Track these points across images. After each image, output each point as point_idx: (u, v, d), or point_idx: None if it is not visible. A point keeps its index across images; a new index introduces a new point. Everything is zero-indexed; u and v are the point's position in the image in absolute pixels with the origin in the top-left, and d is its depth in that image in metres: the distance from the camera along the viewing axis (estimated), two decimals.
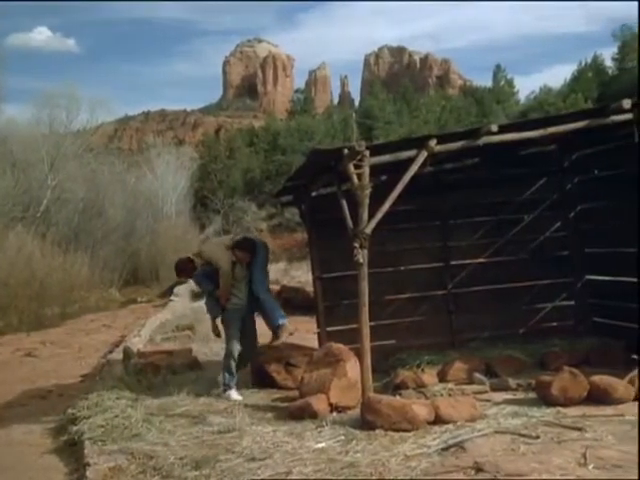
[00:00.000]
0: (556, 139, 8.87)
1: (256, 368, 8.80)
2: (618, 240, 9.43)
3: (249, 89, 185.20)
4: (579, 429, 5.84)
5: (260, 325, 8.88)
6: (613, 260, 9.60)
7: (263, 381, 8.65)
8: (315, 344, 9.44)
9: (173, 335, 14.78)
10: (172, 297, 23.40)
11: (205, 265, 8.56)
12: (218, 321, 8.68)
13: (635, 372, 7.08)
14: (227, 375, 8.28)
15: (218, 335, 8.72)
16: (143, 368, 9.79)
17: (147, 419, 7.09)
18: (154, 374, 9.46)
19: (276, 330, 8.58)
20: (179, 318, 17.27)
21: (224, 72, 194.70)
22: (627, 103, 7.08)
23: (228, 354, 8.35)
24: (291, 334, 8.51)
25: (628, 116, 7.18)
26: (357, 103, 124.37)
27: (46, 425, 8.05)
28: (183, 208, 41.67)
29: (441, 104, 55.01)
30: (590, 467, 4.94)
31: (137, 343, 13.35)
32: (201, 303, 20.41)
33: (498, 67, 61.78)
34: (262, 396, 8.21)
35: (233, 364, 8.30)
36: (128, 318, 20.92)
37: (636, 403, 6.63)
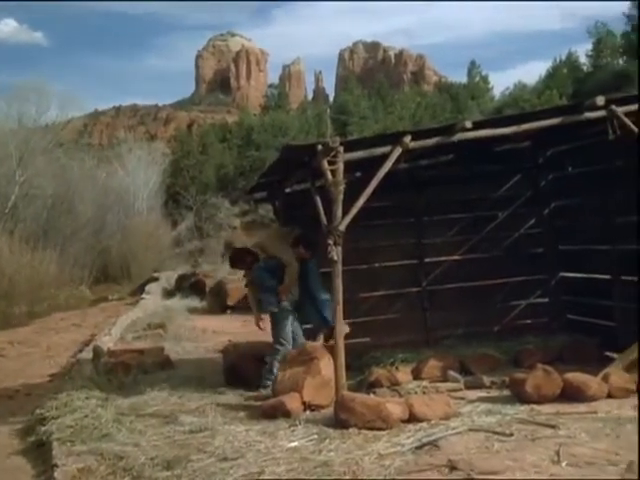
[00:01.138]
0: (530, 136, 8.94)
1: (228, 366, 8.77)
2: (592, 237, 9.53)
3: (222, 84, 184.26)
4: (553, 426, 5.89)
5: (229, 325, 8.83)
6: (587, 257, 9.70)
7: (236, 380, 8.61)
8: None
9: (144, 334, 14.68)
10: (143, 295, 23.25)
11: (267, 259, 8.39)
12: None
13: (608, 369, 7.17)
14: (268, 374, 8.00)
15: (262, 328, 8.55)
16: (113, 367, 9.71)
17: (117, 419, 7.03)
18: (125, 373, 9.39)
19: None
20: (151, 316, 17.16)
21: (196, 66, 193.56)
22: (601, 100, 7.17)
23: (276, 354, 8.03)
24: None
25: (602, 113, 7.26)
26: (331, 99, 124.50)
27: (13, 426, 7.95)
28: (155, 204, 41.37)
29: (416, 100, 55.22)
30: (563, 464, 4.99)
31: (107, 342, 13.24)
32: (173, 301, 20.47)
33: (473, 63, 62.16)
34: (235, 395, 8.16)
35: (277, 365, 7.93)
36: (98, 316, 20.73)
37: (609, 400, 6.72)
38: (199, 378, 9.14)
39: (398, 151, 7.03)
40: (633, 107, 7.43)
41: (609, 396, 6.80)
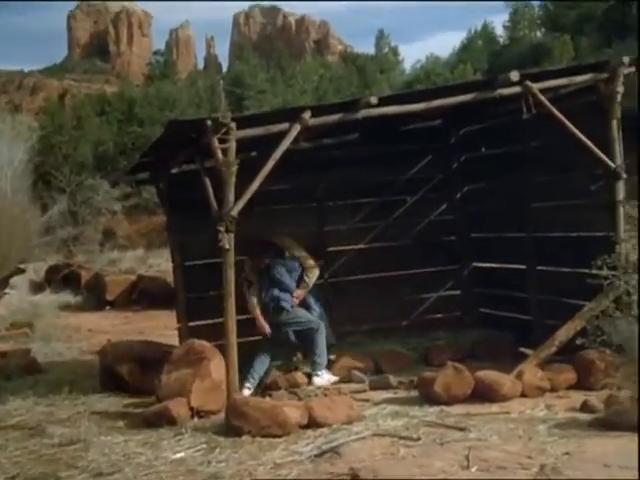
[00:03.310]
0: (442, 113, 9.12)
1: (106, 369, 8.63)
2: (506, 224, 9.80)
3: (99, 49, 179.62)
4: (462, 429, 6.07)
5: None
6: (501, 246, 9.98)
7: (114, 384, 8.51)
8: (175, 341, 9.34)
9: (7, 334, 14.29)
10: (7, 290, 22.52)
11: (289, 258, 8.51)
12: None
13: (522, 366, 7.43)
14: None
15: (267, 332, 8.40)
16: None
17: None
18: None
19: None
20: (15, 314, 16.66)
21: (69, 28, 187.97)
22: (515, 75, 7.38)
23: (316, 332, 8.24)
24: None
25: (516, 89, 7.47)
26: (225, 68, 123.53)
27: None
28: (21, 186, 39.86)
29: (319, 72, 55.40)
30: (473, 469, 5.14)
31: None
32: (42, 296, 19.92)
33: (381, 32, 63.02)
34: (112, 401, 8.10)
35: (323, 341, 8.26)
36: None
37: (522, 399, 6.99)
38: (71, 383, 8.94)
39: (297, 128, 7.05)
40: (549, 83, 7.70)
41: (522, 395, 7.07)
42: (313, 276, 8.51)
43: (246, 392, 7.70)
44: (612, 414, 5.97)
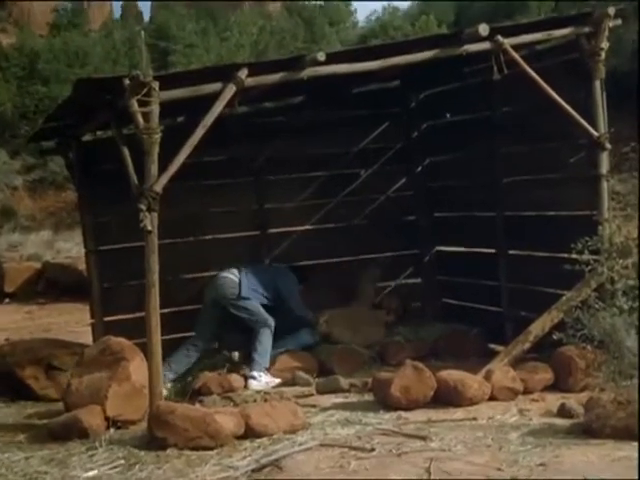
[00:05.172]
0: (400, 73, 9.15)
1: (3, 373, 8.55)
2: (474, 202, 9.88)
3: None
4: (423, 438, 6.12)
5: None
6: (468, 227, 10.06)
7: (13, 391, 8.45)
8: (88, 339, 9.28)
9: None
10: None
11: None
12: None
13: (491, 365, 7.53)
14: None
15: None
16: None
17: None
18: None
19: None
20: None
21: None
22: (484, 29, 7.39)
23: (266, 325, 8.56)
24: None
25: (486, 45, 7.51)
26: (147, 18, 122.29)
27: None
28: None
29: (259, 24, 55.15)
30: None
31: None
32: None
33: None
34: (11, 411, 8.04)
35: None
36: None
37: (492, 403, 7.08)
38: None
39: (231, 89, 7.01)
40: (524, 38, 7.75)
41: (492, 398, 7.14)
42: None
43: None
44: (593, 419, 6.06)
